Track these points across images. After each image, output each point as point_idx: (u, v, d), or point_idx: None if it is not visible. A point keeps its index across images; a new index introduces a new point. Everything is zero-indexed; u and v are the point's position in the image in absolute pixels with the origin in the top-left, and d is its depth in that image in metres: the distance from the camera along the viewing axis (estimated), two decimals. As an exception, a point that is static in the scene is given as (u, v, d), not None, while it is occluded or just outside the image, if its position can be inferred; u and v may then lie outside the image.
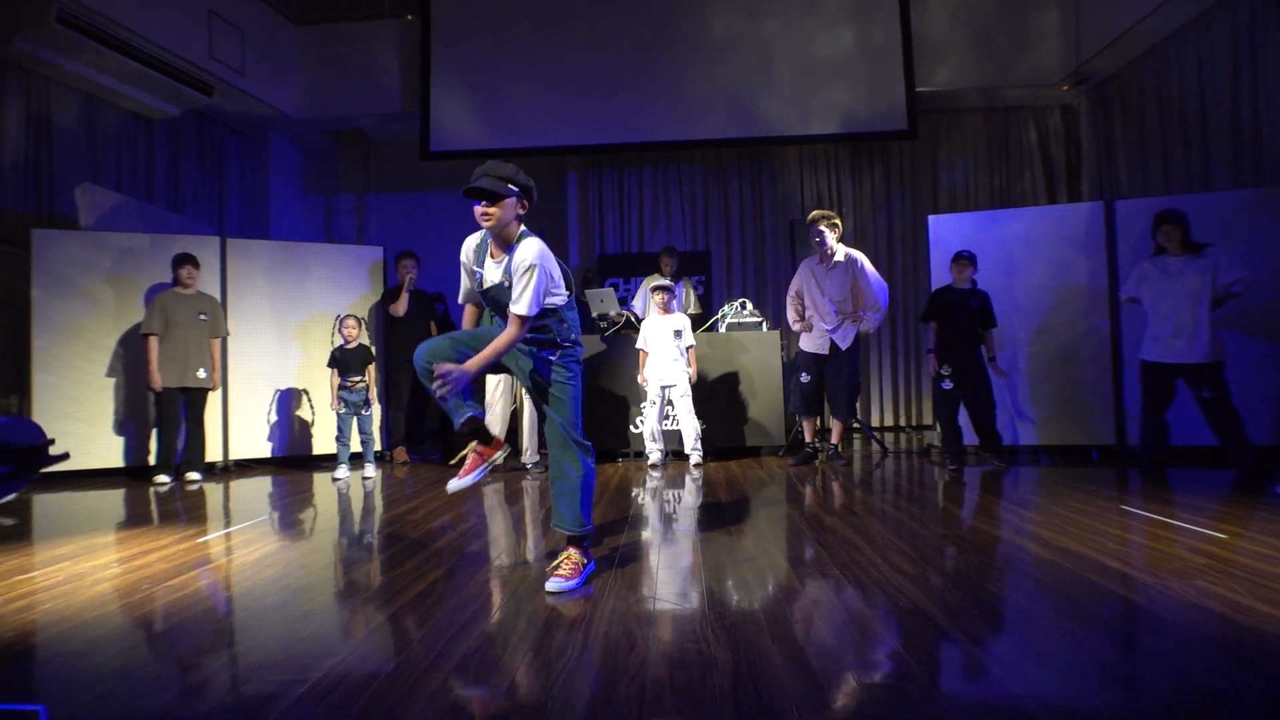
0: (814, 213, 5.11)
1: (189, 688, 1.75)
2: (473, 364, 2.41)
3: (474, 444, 2.61)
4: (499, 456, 2.67)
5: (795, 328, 5.26)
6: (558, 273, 2.55)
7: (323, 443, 5.97)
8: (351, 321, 5.24)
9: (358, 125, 8.18)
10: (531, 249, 2.43)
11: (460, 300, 2.77)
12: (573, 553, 2.54)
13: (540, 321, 2.54)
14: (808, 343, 5.18)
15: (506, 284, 2.46)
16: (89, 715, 1.60)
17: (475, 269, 2.60)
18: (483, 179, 2.40)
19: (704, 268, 7.68)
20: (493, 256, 2.54)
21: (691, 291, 6.68)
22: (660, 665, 1.78)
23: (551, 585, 2.41)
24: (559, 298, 2.55)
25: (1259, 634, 1.87)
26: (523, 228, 2.53)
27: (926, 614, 2.10)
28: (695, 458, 5.27)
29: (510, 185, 2.42)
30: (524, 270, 2.40)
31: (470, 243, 2.63)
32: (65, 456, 1.49)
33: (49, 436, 1.53)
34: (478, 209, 2.42)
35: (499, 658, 1.87)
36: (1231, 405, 4.05)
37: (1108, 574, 2.43)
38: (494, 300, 2.56)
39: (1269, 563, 2.48)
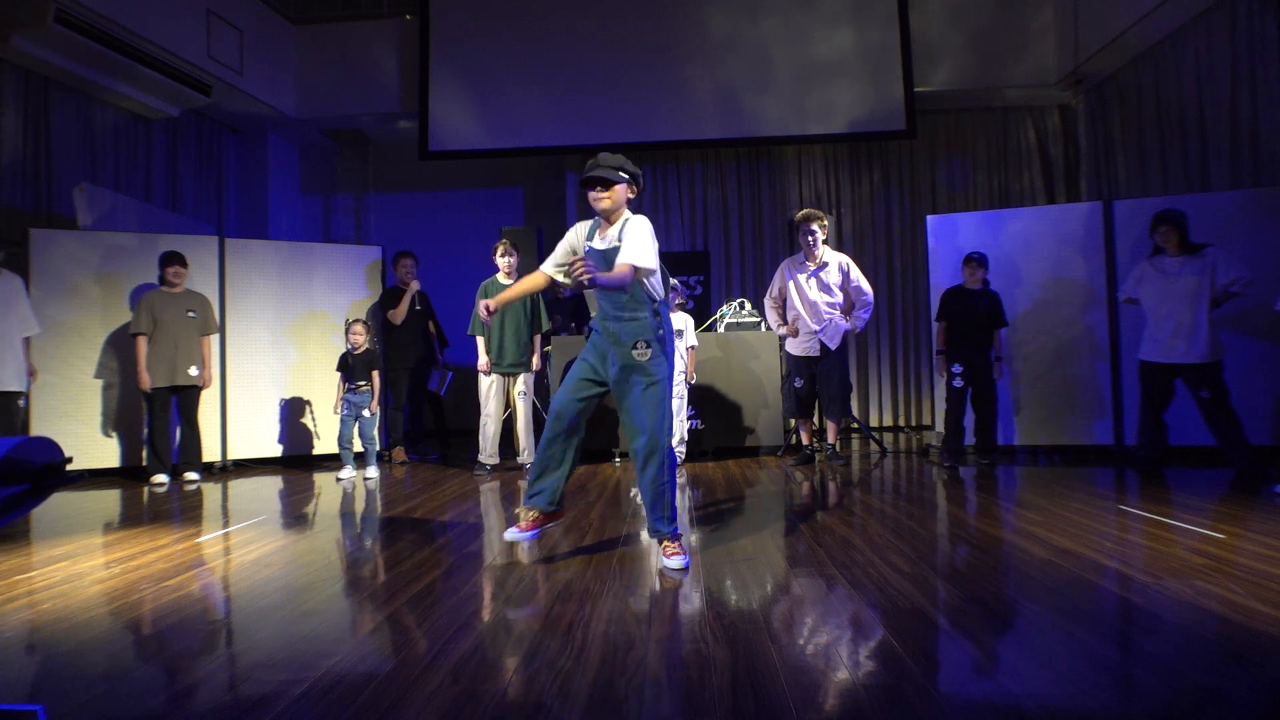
0: (807, 210, 5.09)
1: (187, 687, 1.75)
2: (605, 276, 2.49)
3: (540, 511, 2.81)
4: (555, 524, 2.96)
5: (780, 332, 5.22)
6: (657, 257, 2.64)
7: (322, 443, 5.96)
8: (359, 327, 5.27)
9: (356, 125, 8.17)
10: (640, 220, 2.63)
11: (543, 266, 2.87)
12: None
13: (639, 314, 2.64)
14: (796, 347, 5.14)
15: (617, 245, 2.61)
16: (87, 715, 1.60)
17: (585, 243, 2.75)
18: (596, 169, 2.59)
19: (702, 268, 7.67)
20: (601, 235, 2.71)
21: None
22: (659, 665, 1.79)
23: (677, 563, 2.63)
24: (656, 289, 2.68)
25: (1257, 634, 1.87)
26: (628, 211, 2.70)
27: (924, 613, 2.10)
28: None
29: (621, 173, 2.63)
30: (635, 231, 2.58)
31: (581, 227, 2.81)
32: (69, 460, 1.48)
33: (66, 455, 1.51)
34: (592, 194, 2.62)
35: (497, 657, 1.87)
36: (1230, 406, 4.05)
37: (1106, 574, 2.44)
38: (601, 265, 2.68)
39: (1267, 563, 2.48)
